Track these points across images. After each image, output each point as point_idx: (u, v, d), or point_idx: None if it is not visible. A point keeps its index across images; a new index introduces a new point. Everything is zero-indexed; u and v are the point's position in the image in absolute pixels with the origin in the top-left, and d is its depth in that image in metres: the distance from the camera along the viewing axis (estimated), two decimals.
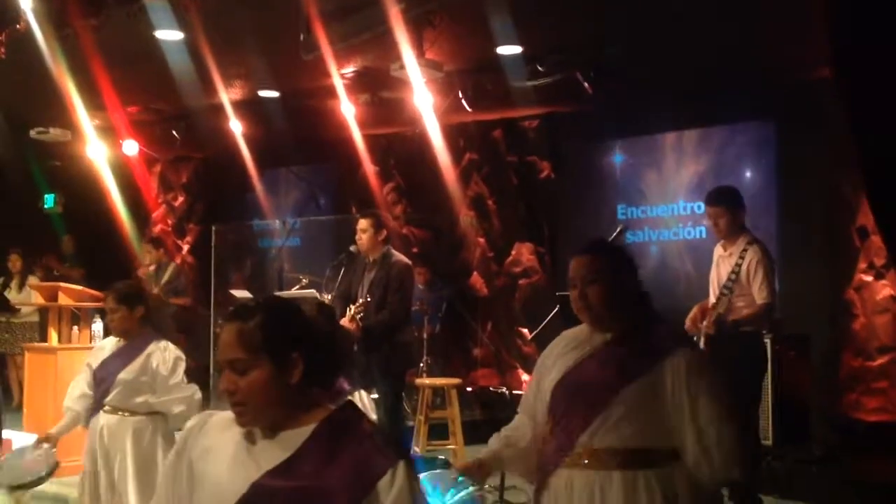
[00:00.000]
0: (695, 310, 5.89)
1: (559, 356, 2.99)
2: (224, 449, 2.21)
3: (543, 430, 2.98)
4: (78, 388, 4.86)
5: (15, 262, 10.61)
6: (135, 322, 4.71)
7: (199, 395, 4.73)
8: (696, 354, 2.84)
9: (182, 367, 4.70)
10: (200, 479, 2.22)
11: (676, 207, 9.16)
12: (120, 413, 4.67)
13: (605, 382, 2.82)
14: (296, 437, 2.18)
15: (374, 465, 2.12)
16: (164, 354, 4.68)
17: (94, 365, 4.79)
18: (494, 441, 3.09)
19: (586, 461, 2.82)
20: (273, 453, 2.16)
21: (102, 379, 4.72)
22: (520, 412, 3.12)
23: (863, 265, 7.82)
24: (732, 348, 5.56)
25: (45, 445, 4.74)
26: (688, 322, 5.89)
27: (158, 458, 4.63)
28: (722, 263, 5.79)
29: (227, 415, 2.28)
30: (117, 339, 4.82)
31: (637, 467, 2.78)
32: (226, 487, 2.15)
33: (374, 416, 4.06)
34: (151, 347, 4.69)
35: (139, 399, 4.66)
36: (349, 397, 3.95)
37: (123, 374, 4.64)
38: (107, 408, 4.69)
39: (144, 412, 4.67)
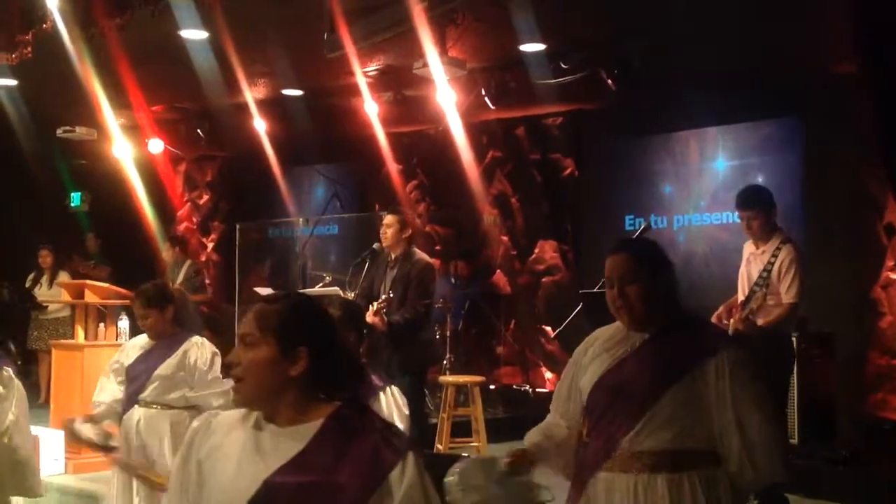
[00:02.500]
0: (721, 309, 5.87)
1: (595, 356, 2.92)
2: (231, 448, 2.22)
3: (578, 430, 2.93)
4: (110, 386, 4.91)
5: (46, 258, 10.69)
6: (167, 323, 4.77)
7: None
8: (739, 354, 2.78)
9: (219, 361, 4.75)
10: (208, 479, 2.23)
11: (701, 205, 9.11)
12: (156, 407, 4.73)
13: (648, 383, 2.76)
14: (303, 432, 2.18)
15: (384, 457, 2.13)
16: (202, 350, 4.75)
17: (127, 363, 4.84)
18: (534, 435, 3.04)
19: (629, 464, 2.76)
20: (281, 450, 2.17)
21: (136, 376, 4.77)
22: (551, 412, 3.06)
23: (890, 263, 7.74)
24: (761, 346, 5.54)
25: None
26: (713, 320, 5.87)
27: None
28: (753, 261, 5.76)
29: (233, 414, 2.29)
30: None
31: (682, 469, 2.73)
32: (234, 486, 2.16)
33: (406, 412, 4.04)
34: (187, 344, 4.75)
35: (176, 394, 4.72)
36: (381, 393, 3.97)
37: (161, 370, 4.70)
38: (142, 403, 4.75)
39: (181, 406, 4.73)
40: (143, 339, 4.92)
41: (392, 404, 3.96)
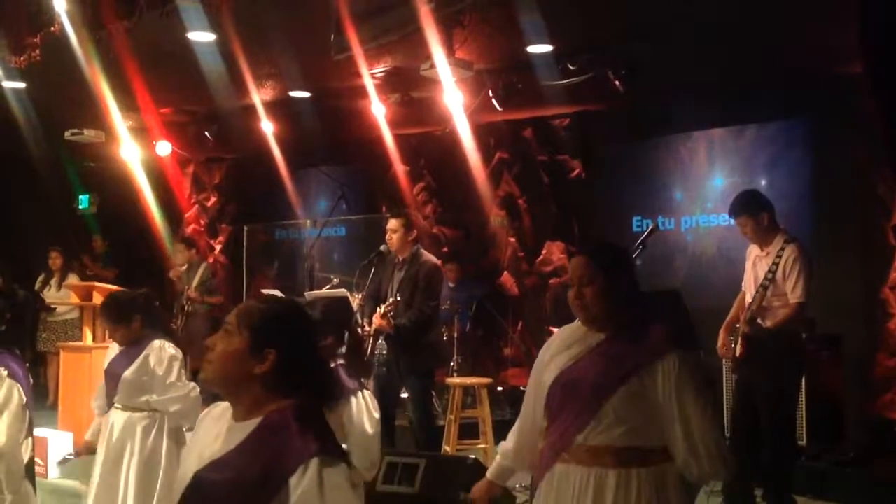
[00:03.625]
0: (730, 315, 5.88)
1: (555, 354, 3.07)
2: (204, 438, 2.30)
3: (542, 426, 3.05)
4: (101, 391, 4.97)
5: (56, 260, 10.72)
6: (137, 331, 4.78)
7: (195, 392, 4.74)
8: (686, 359, 2.90)
9: (177, 365, 4.73)
10: (182, 467, 2.32)
11: (708, 206, 9.09)
12: (129, 411, 4.75)
13: (598, 384, 2.89)
14: (246, 429, 2.24)
15: (286, 461, 2.15)
16: (161, 354, 4.73)
17: (106, 365, 4.88)
18: (498, 454, 3.25)
19: (583, 458, 2.89)
20: (226, 444, 2.23)
21: (111, 378, 4.80)
22: (518, 420, 3.22)
23: None
24: (771, 348, 5.53)
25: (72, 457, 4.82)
26: (723, 328, 5.87)
27: (163, 456, 4.69)
28: (759, 263, 5.76)
29: (225, 405, 2.36)
30: None
31: (631, 465, 2.85)
32: (185, 476, 2.25)
33: (376, 416, 4.01)
34: (149, 348, 4.74)
35: (142, 398, 4.73)
36: (353, 397, 3.95)
37: (126, 374, 4.72)
38: (117, 406, 4.77)
39: (148, 410, 4.73)
40: None
41: (363, 409, 3.93)
